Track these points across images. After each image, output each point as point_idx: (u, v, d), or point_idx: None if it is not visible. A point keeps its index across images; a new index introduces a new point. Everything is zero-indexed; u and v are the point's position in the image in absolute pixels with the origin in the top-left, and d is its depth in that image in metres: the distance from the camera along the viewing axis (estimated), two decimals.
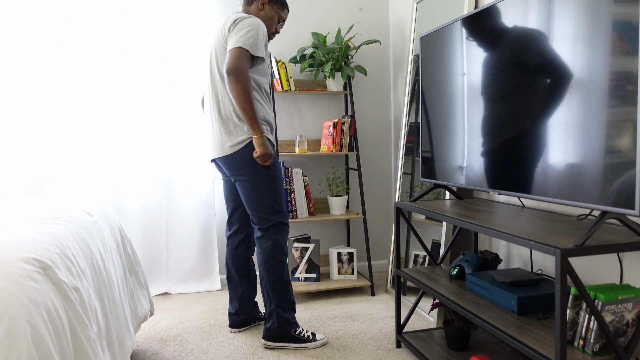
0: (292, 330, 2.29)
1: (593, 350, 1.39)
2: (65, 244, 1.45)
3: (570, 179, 1.47)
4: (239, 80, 2.07)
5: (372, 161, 3.52)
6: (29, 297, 1.13)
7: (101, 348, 1.47)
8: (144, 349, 2.32)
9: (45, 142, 3.01)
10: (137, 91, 3.09)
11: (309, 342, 2.27)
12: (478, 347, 2.10)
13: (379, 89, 3.50)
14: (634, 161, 1.27)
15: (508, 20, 1.74)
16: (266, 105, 2.28)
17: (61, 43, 2.98)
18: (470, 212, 1.92)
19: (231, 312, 2.50)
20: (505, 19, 1.75)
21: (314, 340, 2.28)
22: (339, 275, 3.13)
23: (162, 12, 3.08)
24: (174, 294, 3.18)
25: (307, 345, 2.27)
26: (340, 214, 3.16)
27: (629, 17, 1.26)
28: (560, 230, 1.53)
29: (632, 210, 1.28)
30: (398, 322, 2.27)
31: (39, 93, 2.98)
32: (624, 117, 1.29)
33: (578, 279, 1.33)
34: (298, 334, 2.29)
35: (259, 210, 2.25)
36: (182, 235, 3.19)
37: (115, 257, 1.92)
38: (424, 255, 2.73)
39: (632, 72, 1.26)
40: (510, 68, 1.73)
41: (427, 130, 2.31)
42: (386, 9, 3.47)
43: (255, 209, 2.26)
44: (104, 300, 1.60)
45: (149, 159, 3.13)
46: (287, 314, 2.29)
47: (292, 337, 2.28)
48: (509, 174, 1.75)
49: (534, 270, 2.07)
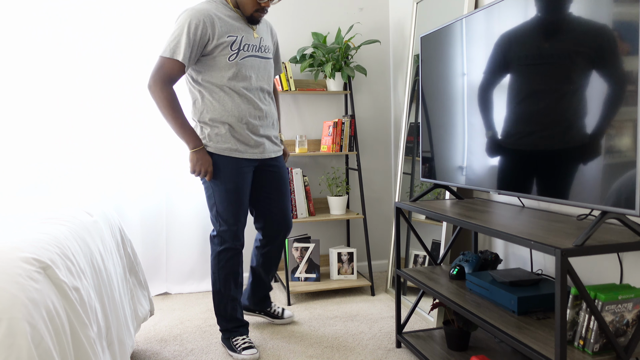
0: (227, 337, 2.27)
1: (593, 350, 1.39)
2: (65, 244, 1.45)
3: (570, 179, 1.47)
4: (153, 97, 2.07)
5: (372, 161, 3.52)
6: (29, 297, 1.13)
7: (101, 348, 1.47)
8: (144, 349, 2.32)
9: (45, 142, 3.01)
10: (138, 91, 3.09)
11: (234, 352, 2.21)
12: (478, 347, 2.10)
13: (379, 89, 3.50)
14: (634, 161, 1.27)
15: (508, 20, 1.73)
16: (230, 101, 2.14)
17: (61, 43, 2.98)
18: (470, 212, 1.92)
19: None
20: (506, 19, 1.75)
21: (239, 353, 2.19)
22: (339, 275, 3.13)
23: (163, 12, 3.08)
24: (174, 294, 3.18)
25: (232, 354, 2.22)
26: (340, 214, 3.16)
27: (628, 17, 1.26)
28: (560, 230, 1.53)
29: (632, 210, 1.28)
30: (398, 322, 2.27)
31: (38, 93, 2.98)
32: (624, 117, 1.29)
33: (578, 279, 1.33)
34: (233, 342, 2.24)
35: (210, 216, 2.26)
36: (182, 235, 3.19)
37: (115, 257, 1.92)
38: (424, 255, 2.73)
39: (632, 72, 1.26)
40: (510, 68, 1.73)
41: (427, 130, 2.31)
42: (386, 9, 3.47)
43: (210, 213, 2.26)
44: (104, 300, 1.60)
45: (150, 159, 3.13)
46: (224, 322, 2.28)
47: (228, 343, 2.26)
48: (509, 173, 1.75)
49: (534, 270, 2.07)
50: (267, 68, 2.25)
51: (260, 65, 2.21)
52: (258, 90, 2.21)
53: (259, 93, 2.22)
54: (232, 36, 2.11)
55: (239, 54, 2.12)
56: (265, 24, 2.32)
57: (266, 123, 2.26)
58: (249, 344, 2.22)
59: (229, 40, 2.10)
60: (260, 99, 2.22)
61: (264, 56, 2.24)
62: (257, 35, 2.21)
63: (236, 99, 2.15)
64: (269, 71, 2.27)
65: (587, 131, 1.41)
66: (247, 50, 2.15)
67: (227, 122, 2.15)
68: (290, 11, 3.30)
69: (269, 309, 2.60)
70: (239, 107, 2.15)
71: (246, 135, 2.18)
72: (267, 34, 2.30)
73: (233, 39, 2.10)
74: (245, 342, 2.24)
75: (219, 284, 2.25)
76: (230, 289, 2.25)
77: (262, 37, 2.23)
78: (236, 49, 2.12)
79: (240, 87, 2.15)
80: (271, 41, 2.33)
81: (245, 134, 2.17)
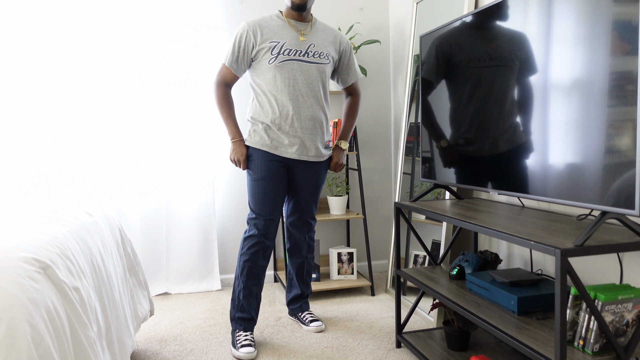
0: (233, 329, 2.35)
1: (593, 350, 1.39)
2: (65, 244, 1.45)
3: (570, 179, 1.47)
4: (213, 94, 2.38)
5: (372, 161, 3.52)
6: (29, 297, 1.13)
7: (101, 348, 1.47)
8: (144, 349, 2.32)
9: (45, 142, 3.01)
10: (138, 91, 3.09)
11: (233, 348, 2.26)
12: (478, 347, 2.10)
13: (379, 89, 3.50)
14: (634, 161, 1.27)
15: (508, 20, 1.74)
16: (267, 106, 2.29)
17: (62, 43, 2.98)
18: (470, 212, 1.93)
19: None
20: (506, 19, 1.75)
21: (236, 349, 2.23)
22: (339, 275, 3.13)
23: (163, 11, 3.08)
24: (174, 294, 3.18)
25: (232, 349, 2.28)
26: (340, 214, 3.16)
27: (629, 17, 1.26)
28: (560, 230, 1.53)
29: (632, 210, 1.28)
30: (398, 322, 2.27)
31: (39, 93, 2.98)
32: (624, 117, 1.29)
33: (578, 279, 1.33)
34: (236, 336, 2.29)
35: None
36: (182, 235, 3.19)
37: (115, 257, 1.92)
38: (424, 255, 2.73)
39: (632, 72, 1.26)
40: (509, 68, 1.73)
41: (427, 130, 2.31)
42: (386, 9, 3.47)
43: None
44: (104, 300, 1.60)
45: (150, 159, 3.13)
46: (232, 310, 2.36)
47: (232, 336, 2.33)
48: (509, 173, 1.75)
49: (534, 270, 2.07)
50: (312, 73, 2.29)
51: (303, 69, 2.27)
52: (299, 93, 2.27)
53: (300, 96, 2.28)
54: (274, 42, 2.25)
55: (277, 58, 2.25)
56: (328, 33, 2.38)
57: (305, 125, 2.29)
58: (249, 342, 2.24)
59: (270, 46, 2.25)
60: (298, 102, 2.27)
61: (311, 60, 2.29)
62: (303, 39, 2.29)
63: (272, 101, 2.27)
64: (315, 77, 2.30)
65: (587, 131, 1.41)
66: (289, 54, 2.26)
67: (264, 122, 2.30)
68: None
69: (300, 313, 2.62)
70: (274, 109, 2.27)
71: (278, 135, 2.29)
72: (325, 41, 2.35)
73: (274, 44, 2.25)
74: (246, 339, 2.26)
75: (238, 268, 2.35)
76: (245, 277, 2.32)
77: (313, 43, 2.30)
78: (276, 53, 2.25)
79: (278, 90, 2.26)
80: (332, 48, 2.37)
81: (277, 134, 2.29)
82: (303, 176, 2.37)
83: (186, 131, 3.17)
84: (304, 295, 2.63)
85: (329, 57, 2.34)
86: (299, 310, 2.62)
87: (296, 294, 2.62)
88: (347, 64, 2.45)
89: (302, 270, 2.59)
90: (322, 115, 2.35)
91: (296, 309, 2.62)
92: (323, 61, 2.32)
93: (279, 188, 2.32)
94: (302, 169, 2.36)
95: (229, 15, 3.22)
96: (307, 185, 2.40)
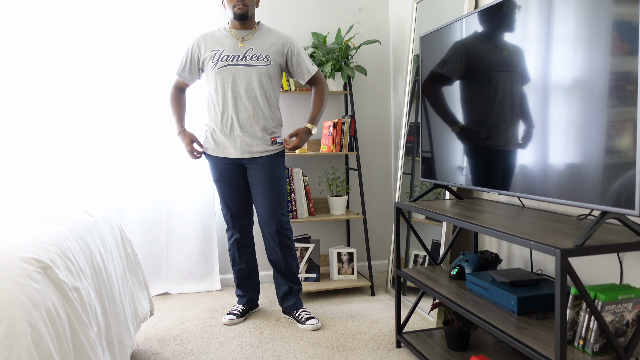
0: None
1: (593, 350, 1.39)
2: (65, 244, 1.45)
3: (570, 179, 1.47)
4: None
5: (372, 161, 3.52)
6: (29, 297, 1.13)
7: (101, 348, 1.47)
8: (144, 349, 2.32)
9: (45, 142, 3.01)
10: (138, 91, 3.09)
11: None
12: (478, 347, 2.10)
13: (379, 89, 3.50)
14: (634, 161, 1.27)
15: (508, 20, 1.74)
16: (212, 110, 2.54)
17: (62, 43, 2.98)
18: (470, 212, 1.93)
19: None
20: (506, 19, 1.75)
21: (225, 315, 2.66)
22: (339, 275, 3.13)
23: (163, 12, 3.08)
24: (174, 294, 3.18)
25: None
26: (340, 214, 3.16)
27: (629, 17, 1.26)
28: (560, 230, 1.53)
29: (632, 210, 1.28)
30: (398, 322, 2.27)
31: (39, 93, 2.98)
32: (624, 117, 1.29)
33: (578, 279, 1.33)
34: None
35: None
36: (182, 235, 3.19)
37: (115, 257, 1.92)
38: (424, 255, 2.73)
39: (632, 72, 1.26)
40: (509, 68, 1.73)
41: (427, 130, 2.31)
42: (386, 9, 3.47)
43: None
44: (104, 300, 1.60)
45: (150, 159, 3.13)
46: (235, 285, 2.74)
47: None
48: (509, 174, 1.75)
49: (534, 270, 2.07)
50: (250, 75, 2.46)
51: (241, 73, 2.46)
52: (237, 95, 2.47)
53: (239, 98, 2.47)
54: (215, 50, 2.49)
55: (217, 64, 2.47)
56: (271, 37, 2.53)
57: (244, 125, 2.49)
58: (232, 311, 2.65)
59: (212, 54, 2.48)
60: (237, 104, 2.48)
61: (249, 64, 2.46)
62: (242, 45, 2.48)
63: (217, 105, 2.50)
64: (253, 78, 2.47)
65: (586, 131, 1.41)
66: (226, 60, 2.46)
67: (211, 126, 2.55)
68: (290, 11, 3.30)
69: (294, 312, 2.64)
70: (217, 112, 2.51)
71: (221, 138, 2.52)
72: (265, 44, 2.50)
73: (215, 52, 2.48)
74: (235, 309, 2.68)
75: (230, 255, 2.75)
76: (232, 263, 2.73)
77: (251, 47, 2.48)
78: (216, 60, 2.47)
79: (219, 94, 2.49)
80: (274, 50, 2.52)
81: (221, 137, 2.52)
82: (256, 172, 2.53)
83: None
84: (292, 290, 2.65)
85: (268, 59, 2.49)
86: (292, 308, 2.63)
87: (285, 290, 2.66)
88: (296, 63, 2.58)
89: (282, 269, 2.64)
90: (263, 114, 2.51)
91: (290, 307, 2.64)
92: (262, 63, 2.48)
93: (236, 186, 2.57)
94: (253, 166, 2.53)
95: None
96: (261, 180, 2.53)
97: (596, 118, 1.37)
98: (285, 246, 2.59)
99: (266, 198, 2.53)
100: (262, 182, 2.52)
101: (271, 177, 2.52)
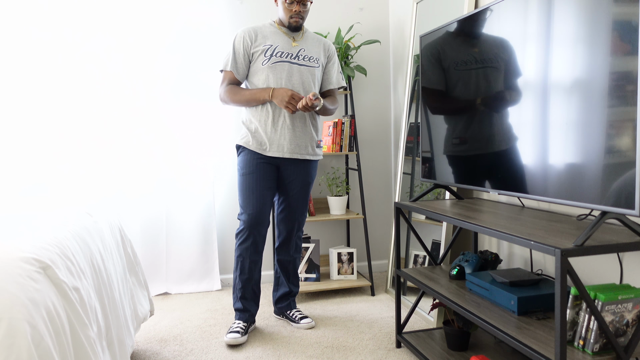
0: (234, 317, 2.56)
1: (593, 350, 1.39)
2: (65, 244, 1.45)
3: (570, 179, 1.47)
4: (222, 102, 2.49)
5: (372, 161, 3.52)
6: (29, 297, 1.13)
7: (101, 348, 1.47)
8: (144, 349, 2.32)
9: (46, 143, 3.01)
10: (138, 92, 3.09)
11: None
12: (478, 347, 2.10)
13: (379, 89, 3.50)
14: (634, 161, 1.27)
15: (508, 20, 1.74)
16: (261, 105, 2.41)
17: (62, 43, 2.98)
18: (470, 212, 1.92)
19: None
20: (506, 19, 1.75)
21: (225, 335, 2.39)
22: (339, 275, 3.13)
23: (164, 13, 3.08)
24: (174, 294, 3.18)
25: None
26: (340, 214, 3.16)
27: (629, 17, 1.26)
28: (560, 230, 1.53)
29: (632, 210, 1.28)
30: (398, 322, 2.27)
31: (39, 94, 2.98)
32: (624, 117, 1.29)
33: (578, 279, 1.33)
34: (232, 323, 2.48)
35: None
36: (183, 235, 3.19)
37: (115, 257, 1.92)
38: (424, 255, 2.73)
39: (632, 72, 1.26)
40: (509, 68, 1.73)
41: (427, 130, 2.31)
42: (386, 9, 3.47)
43: None
44: (104, 300, 1.60)
45: (150, 160, 3.13)
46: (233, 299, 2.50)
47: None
48: (509, 173, 1.75)
49: (534, 270, 2.07)
50: (303, 74, 2.41)
51: (295, 71, 2.39)
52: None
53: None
54: (267, 45, 2.39)
55: (270, 59, 2.38)
56: (318, 40, 2.51)
57: (296, 124, 2.40)
58: (238, 329, 2.38)
59: (264, 48, 2.39)
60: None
61: (302, 63, 2.41)
62: (296, 44, 2.42)
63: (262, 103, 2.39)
64: (306, 77, 2.42)
65: (586, 131, 1.41)
66: (281, 56, 2.38)
67: (255, 123, 2.41)
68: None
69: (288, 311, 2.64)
70: (267, 109, 2.39)
71: (268, 135, 2.39)
72: (315, 47, 2.48)
73: (267, 47, 2.39)
74: (237, 326, 2.41)
75: (234, 264, 2.49)
76: (239, 272, 2.46)
77: (303, 47, 2.44)
78: (269, 55, 2.38)
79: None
80: (321, 54, 2.50)
81: (267, 134, 2.39)
82: (293, 174, 2.46)
83: (186, 132, 3.17)
84: (292, 293, 2.65)
85: (318, 61, 2.48)
86: (287, 308, 2.64)
87: (284, 291, 2.65)
88: (330, 68, 2.55)
89: (289, 270, 2.63)
90: (313, 114, 2.47)
91: (284, 307, 2.64)
92: (313, 64, 2.45)
93: (266, 184, 2.41)
94: (292, 167, 2.45)
95: (229, 15, 3.22)
96: (297, 183, 2.48)
97: (596, 118, 1.37)
98: (298, 248, 2.64)
99: (297, 200, 2.51)
100: (300, 184, 2.48)
101: (307, 182, 2.51)
